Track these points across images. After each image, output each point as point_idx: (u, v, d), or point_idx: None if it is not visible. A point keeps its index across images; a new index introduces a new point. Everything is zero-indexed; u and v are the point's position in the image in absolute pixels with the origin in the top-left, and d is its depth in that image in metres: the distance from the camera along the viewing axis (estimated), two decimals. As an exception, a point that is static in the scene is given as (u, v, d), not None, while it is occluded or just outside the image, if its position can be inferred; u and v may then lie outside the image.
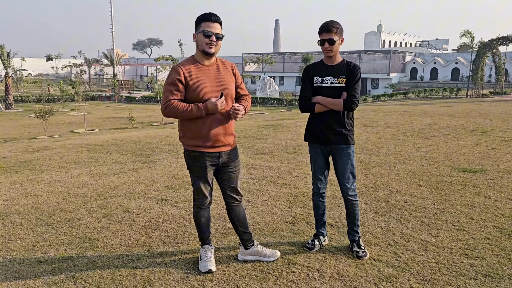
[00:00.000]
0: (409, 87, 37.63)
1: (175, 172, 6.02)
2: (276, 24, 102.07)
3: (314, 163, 3.42)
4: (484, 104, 19.02)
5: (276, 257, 3.27)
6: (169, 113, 2.85)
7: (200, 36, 2.85)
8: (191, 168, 3.06)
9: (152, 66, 58.16)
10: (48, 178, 5.86)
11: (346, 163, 3.28)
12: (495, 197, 4.73)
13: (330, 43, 3.12)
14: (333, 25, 3.11)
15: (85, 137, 12.94)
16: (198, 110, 2.85)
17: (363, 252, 3.27)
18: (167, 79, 2.89)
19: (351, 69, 3.21)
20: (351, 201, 3.34)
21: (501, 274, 2.99)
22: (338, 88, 3.20)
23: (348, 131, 3.26)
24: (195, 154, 2.97)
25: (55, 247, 3.55)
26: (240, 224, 3.24)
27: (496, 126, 10.68)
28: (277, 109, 26.37)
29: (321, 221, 3.51)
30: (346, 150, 3.28)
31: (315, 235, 3.50)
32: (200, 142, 2.94)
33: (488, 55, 27.54)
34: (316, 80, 3.27)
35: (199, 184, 3.06)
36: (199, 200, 3.12)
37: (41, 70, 61.83)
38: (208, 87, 2.89)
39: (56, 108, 18.82)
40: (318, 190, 3.45)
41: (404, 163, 6.47)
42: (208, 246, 3.22)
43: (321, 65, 3.30)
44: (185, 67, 2.87)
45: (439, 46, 65.82)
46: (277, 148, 7.85)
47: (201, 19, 2.86)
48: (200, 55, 2.93)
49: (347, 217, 3.42)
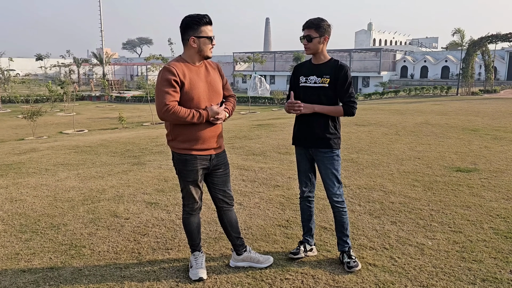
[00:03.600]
0: (400, 86, 37.76)
1: (165, 174, 5.89)
2: (267, 23, 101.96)
3: (298, 165, 3.31)
4: (475, 102, 19.11)
5: (270, 263, 3.17)
6: (168, 118, 2.71)
7: (204, 41, 2.78)
8: (181, 173, 2.93)
9: (142, 66, 57.70)
10: (34, 182, 5.70)
11: (328, 168, 3.12)
12: (489, 197, 4.68)
13: (308, 39, 3.02)
14: (314, 21, 3.00)
15: (73, 138, 12.73)
16: (200, 117, 2.75)
17: (354, 262, 3.10)
18: (161, 79, 2.72)
19: (337, 69, 3.04)
20: (337, 208, 3.17)
21: (499, 278, 2.92)
22: (321, 88, 3.05)
23: (331, 134, 3.10)
24: (187, 158, 2.86)
25: (40, 255, 3.41)
26: (232, 229, 3.14)
27: (488, 124, 10.69)
28: (269, 108, 26.28)
29: (307, 227, 3.35)
30: (328, 154, 3.11)
31: (300, 242, 3.35)
32: (192, 145, 2.84)
33: (477, 53, 27.72)
34: (301, 79, 3.16)
35: (190, 189, 2.94)
36: (189, 206, 3.01)
37: (30, 70, 61.03)
38: (201, 88, 2.81)
39: (45, 108, 18.48)
40: (303, 194, 3.32)
41: (397, 162, 6.41)
42: (199, 253, 3.10)
43: (308, 65, 3.19)
44: (178, 67, 2.74)
45: (429, 45, 66.16)
46: (269, 149, 7.75)
47: (200, 23, 2.75)
48: (194, 57, 2.82)
49: (335, 225, 3.25)
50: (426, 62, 43.85)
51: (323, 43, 3.06)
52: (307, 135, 3.14)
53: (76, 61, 50.65)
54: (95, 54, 51.41)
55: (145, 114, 22.92)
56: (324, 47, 3.09)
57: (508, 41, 27.08)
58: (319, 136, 3.10)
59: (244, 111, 23.51)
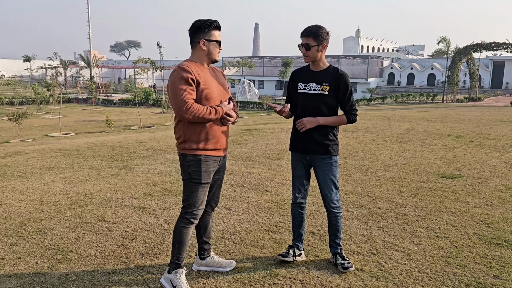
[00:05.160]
0: (387, 92, 38.20)
1: (154, 179, 5.87)
2: (256, 28, 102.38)
3: (293, 171, 3.33)
4: (460, 109, 19.43)
5: (232, 267, 3.18)
6: (188, 115, 2.69)
7: (214, 45, 2.85)
8: (193, 176, 2.81)
9: (130, 69, 57.35)
10: (20, 185, 5.63)
11: (326, 174, 3.16)
12: (474, 203, 4.77)
13: (306, 48, 3.05)
14: (312, 29, 3.03)
15: (60, 141, 12.58)
16: (216, 113, 2.78)
17: (349, 263, 3.16)
18: (177, 77, 2.71)
19: (337, 77, 3.09)
20: (334, 213, 3.22)
21: (483, 283, 2.99)
22: (321, 96, 3.10)
23: (330, 141, 3.14)
24: (201, 158, 2.81)
25: (26, 260, 3.37)
26: (205, 233, 3.14)
27: (472, 131, 10.88)
28: (257, 113, 26.33)
29: (297, 233, 3.37)
30: (327, 161, 3.15)
31: (290, 246, 3.36)
32: (206, 144, 2.82)
33: (463, 61, 28.22)
34: (299, 86, 3.17)
35: (200, 193, 2.84)
36: (193, 213, 2.85)
37: (16, 72, 60.21)
38: (214, 88, 2.85)
39: (31, 111, 18.24)
40: (295, 200, 3.33)
41: (384, 168, 6.49)
42: (182, 270, 2.91)
43: (306, 71, 3.21)
44: (192, 66, 2.77)
45: (415, 52, 67.13)
46: (257, 154, 7.78)
47: (211, 27, 2.82)
48: (203, 59, 2.87)
49: (329, 228, 3.31)
50: (412, 69, 44.48)
51: (321, 51, 3.08)
52: (305, 141, 3.15)
53: (63, 63, 50.11)
54: (82, 57, 50.96)
55: (133, 118, 22.77)
56: (322, 55, 3.12)
57: (492, 50, 27.67)
58: (318, 142, 3.12)
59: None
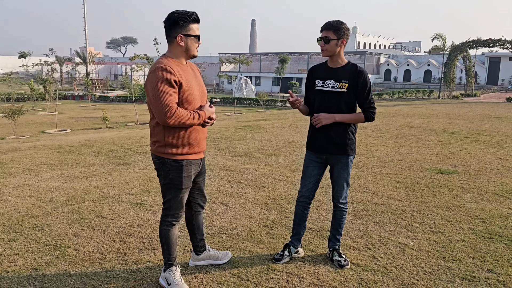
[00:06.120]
0: (384, 88, 38.27)
1: (151, 175, 5.88)
2: (253, 24, 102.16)
3: (305, 169, 3.25)
4: (456, 106, 19.52)
5: (228, 258, 3.22)
6: (172, 121, 2.51)
7: (192, 41, 2.64)
8: (174, 181, 2.70)
9: (126, 65, 57.16)
10: (17, 182, 5.62)
11: (341, 173, 3.14)
12: (469, 199, 4.81)
13: (325, 41, 2.95)
14: (333, 23, 2.94)
15: (56, 137, 12.56)
16: (199, 118, 2.64)
17: (345, 261, 3.18)
18: (159, 79, 2.49)
19: (356, 75, 2.98)
20: (341, 208, 3.23)
21: (477, 277, 3.02)
22: (339, 94, 3.00)
23: (349, 140, 3.08)
24: (183, 163, 2.69)
25: (23, 256, 3.38)
26: (199, 231, 3.14)
27: (468, 127, 10.94)
28: (254, 110, 26.32)
29: (296, 231, 3.34)
30: (344, 160, 3.11)
31: (285, 245, 3.32)
32: (188, 149, 2.69)
33: (459, 58, 28.31)
34: (317, 83, 3.09)
35: (181, 198, 2.77)
36: (175, 216, 2.81)
37: (11, 68, 59.90)
38: (196, 89, 2.70)
39: (26, 107, 18.18)
40: (302, 198, 3.28)
41: (380, 164, 6.52)
42: (176, 267, 2.88)
43: (324, 68, 3.12)
44: (173, 66, 2.56)
45: (412, 49, 67.22)
46: (254, 150, 7.80)
47: (189, 20, 2.59)
48: (181, 56, 2.66)
49: (332, 223, 3.31)
50: (409, 65, 44.59)
51: (340, 46, 2.99)
52: (324, 141, 3.09)
53: (58, 60, 49.87)
54: (78, 53, 50.69)
55: (129, 114, 22.71)
56: (341, 50, 3.02)
57: (488, 47, 27.79)
58: (336, 142, 3.07)
59: (229, 112, 23.50)
